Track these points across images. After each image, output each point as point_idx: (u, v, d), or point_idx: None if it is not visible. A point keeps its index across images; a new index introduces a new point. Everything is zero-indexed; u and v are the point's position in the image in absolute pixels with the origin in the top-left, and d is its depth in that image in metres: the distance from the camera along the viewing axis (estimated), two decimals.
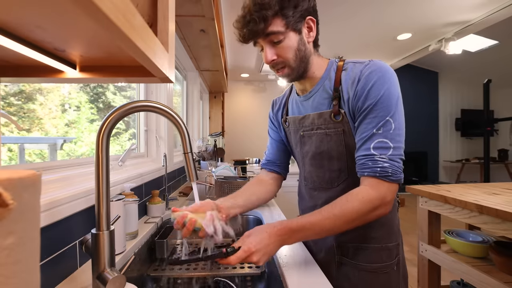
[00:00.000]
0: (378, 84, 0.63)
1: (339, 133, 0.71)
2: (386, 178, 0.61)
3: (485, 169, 3.46)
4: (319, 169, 0.77)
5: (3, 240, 0.22)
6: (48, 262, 0.58)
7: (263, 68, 4.34)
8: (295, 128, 0.81)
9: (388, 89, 0.63)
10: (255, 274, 0.91)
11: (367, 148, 0.63)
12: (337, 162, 0.73)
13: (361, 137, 0.65)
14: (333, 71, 0.73)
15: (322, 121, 0.73)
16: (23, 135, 0.83)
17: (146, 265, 0.94)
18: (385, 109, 0.63)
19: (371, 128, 0.63)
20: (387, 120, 0.62)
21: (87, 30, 0.29)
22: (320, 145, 0.75)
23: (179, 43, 1.88)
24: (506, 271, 1.12)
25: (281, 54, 0.68)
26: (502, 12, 2.43)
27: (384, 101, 0.63)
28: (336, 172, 0.74)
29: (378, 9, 2.48)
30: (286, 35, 0.66)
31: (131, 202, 0.87)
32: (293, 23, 0.66)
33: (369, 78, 0.64)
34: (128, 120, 1.46)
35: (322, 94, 0.73)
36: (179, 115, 0.59)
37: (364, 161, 0.64)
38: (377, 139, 0.62)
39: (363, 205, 0.61)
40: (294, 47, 0.68)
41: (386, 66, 0.66)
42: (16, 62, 0.40)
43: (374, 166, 0.62)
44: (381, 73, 0.64)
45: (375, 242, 0.73)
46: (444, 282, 1.55)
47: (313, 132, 0.76)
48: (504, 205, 1.05)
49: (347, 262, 0.75)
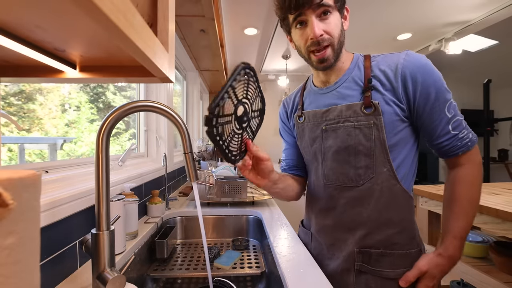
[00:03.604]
0: (428, 71, 0.65)
1: (369, 126, 0.67)
2: (475, 143, 0.68)
3: (485, 169, 3.46)
4: (343, 165, 0.72)
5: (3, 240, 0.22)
6: (48, 262, 0.58)
7: (263, 68, 4.34)
8: (315, 122, 0.77)
9: (437, 74, 0.66)
10: (255, 274, 0.91)
11: (447, 132, 0.67)
12: (364, 158, 0.69)
13: (435, 124, 0.67)
14: (361, 62, 0.71)
15: (351, 113, 0.69)
16: (23, 135, 0.83)
17: (146, 265, 0.94)
18: (444, 92, 0.65)
19: (443, 113, 0.66)
20: (450, 101, 0.66)
21: (87, 30, 0.29)
22: (347, 139, 0.70)
23: (179, 43, 1.88)
24: (506, 271, 1.12)
25: (329, 30, 0.65)
26: (502, 12, 2.43)
27: (441, 86, 0.65)
28: (363, 169, 0.69)
29: (378, 9, 2.48)
30: (333, 12, 0.65)
31: (131, 202, 0.87)
32: (340, 4, 0.66)
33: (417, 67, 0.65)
34: (128, 120, 1.46)
35: (350, 85, 0.71)
36: (179, 115, 0.59)
37: (452, 142, 0.67)
38: (452, 120, 0.66)
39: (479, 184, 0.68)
40: (339, 26, 0.67)
41: (421, 55, 0.68)
42: (16, 62, 0.40)
43: (464, 143, 0.67)
44: (425, 61, 0.66)
45: (399, 248, 0.69)
46: (444, 282, 1.55)
47: (339, 125, 0.71)
48: (504, 205, 1.05)
49: (368, 270, 0.70)
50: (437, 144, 0.69)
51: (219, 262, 0.95)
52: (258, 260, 1.01)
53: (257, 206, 1.30)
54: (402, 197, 0.69)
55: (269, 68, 4.39)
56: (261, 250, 1.11)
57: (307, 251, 0.80)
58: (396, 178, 0.68)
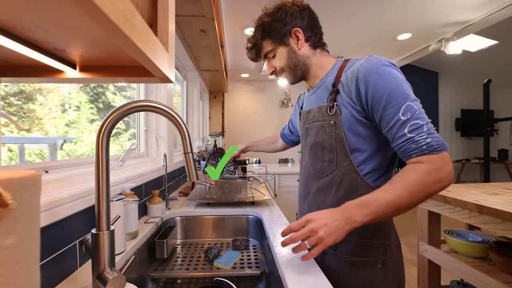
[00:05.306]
0: (383, 75, 0.66)
1: (331, 125, 0.77)
2: (435, 151, 0.61)
3: (485, 169, 3.45)
4: (314, 159, 0.84)
5: (3, 240, 0.22)
6: (48, 262, 0.58)
7: (263, 68, 4.34)
8: (303, 121, 0.91)
9: (395, 78, 0.65)
10: (255, 274, 0.91)
11: (402, 135, 0.64)
12: (328, 153, 0.79)
13: (389, 126, 0.66)
14: (337, 68, 0.79)
15: (320, 114, 0.81)
16: (23, 135, 0.83)
17: (146, 265, 0.94)
18: (400, 96, 0.64)
19: (397, 116, 0.64)
20: (408, 104, 0.63)
21: (87, 30, 0.29)
22: (316, 136, 0.82)
23: (179, 43, 1.88)
24: (506, 271, 1.12)
25: (276, 64, 0.85)
26: (502, 12, 2.43)
27: (397, 89, 0.64)
28: (326, 163, 0.80)
29: (378, 9, 2.48)
30: (276, 50, 0.83)
31: (131, 202, 0.87)
32: (277, 40, 0.81)
33: (371, 71, 0.67)
34: (128, 120, 1.46)
35: (323, 90, 0.81)
36: (179, 115, 0.59)
37: (406, 145, 0.63)
38: (409, 123, 0.63)
39: (422, 177, 0.61)
40: (285, 57, 0.82)
41: (384, 59, 0.69)
42: (16, 62, 0.40)
43: (419, 146, 0.62)
44: (382, 65, 0.67)
45: (357, 236, 0.74)
46: (444, 282, 1.55)
47: (314, 124, 0.84)
48: (504, 205, 1.05)
49: (329, 253, 0.79)
50: (395, 147, 0.67)
51: (219, 262, 0.95)
52: (258, 260, 1.01)
53: (257, 206, 1.30)
54: (365, 189, 0.72)
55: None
56: (261, 250, 1.11)
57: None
58: (357, 172, 0.74)
